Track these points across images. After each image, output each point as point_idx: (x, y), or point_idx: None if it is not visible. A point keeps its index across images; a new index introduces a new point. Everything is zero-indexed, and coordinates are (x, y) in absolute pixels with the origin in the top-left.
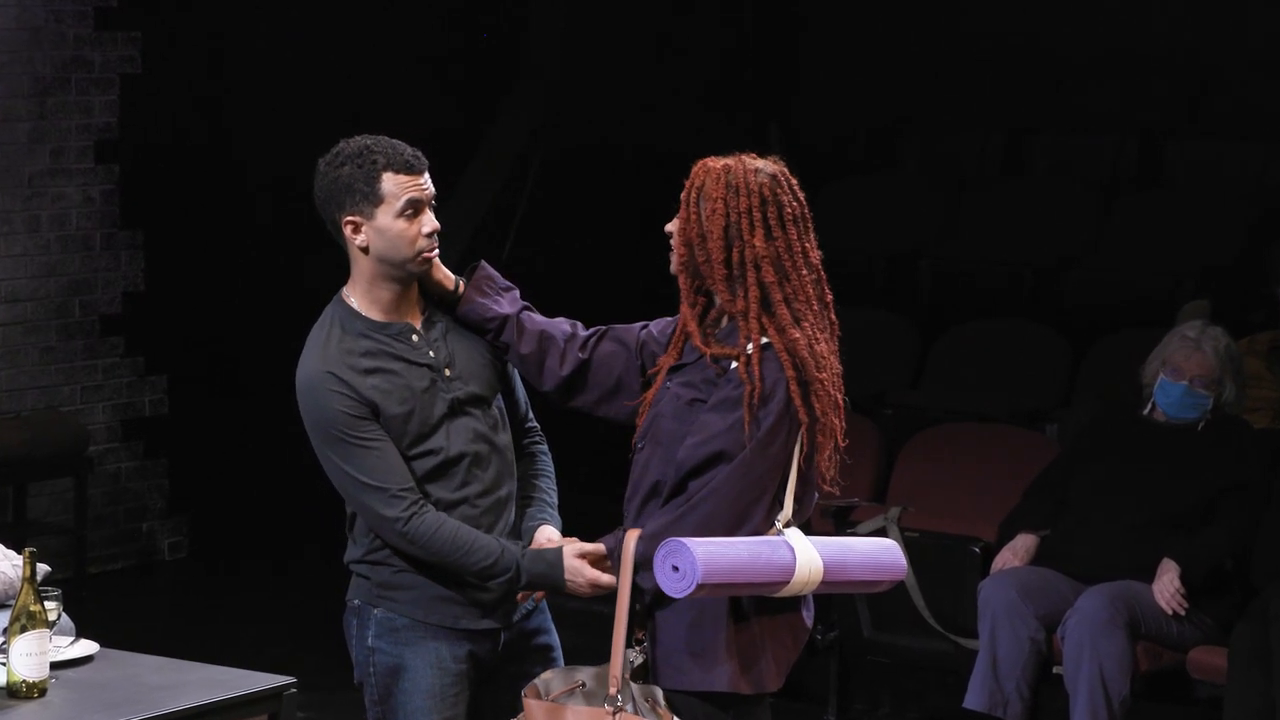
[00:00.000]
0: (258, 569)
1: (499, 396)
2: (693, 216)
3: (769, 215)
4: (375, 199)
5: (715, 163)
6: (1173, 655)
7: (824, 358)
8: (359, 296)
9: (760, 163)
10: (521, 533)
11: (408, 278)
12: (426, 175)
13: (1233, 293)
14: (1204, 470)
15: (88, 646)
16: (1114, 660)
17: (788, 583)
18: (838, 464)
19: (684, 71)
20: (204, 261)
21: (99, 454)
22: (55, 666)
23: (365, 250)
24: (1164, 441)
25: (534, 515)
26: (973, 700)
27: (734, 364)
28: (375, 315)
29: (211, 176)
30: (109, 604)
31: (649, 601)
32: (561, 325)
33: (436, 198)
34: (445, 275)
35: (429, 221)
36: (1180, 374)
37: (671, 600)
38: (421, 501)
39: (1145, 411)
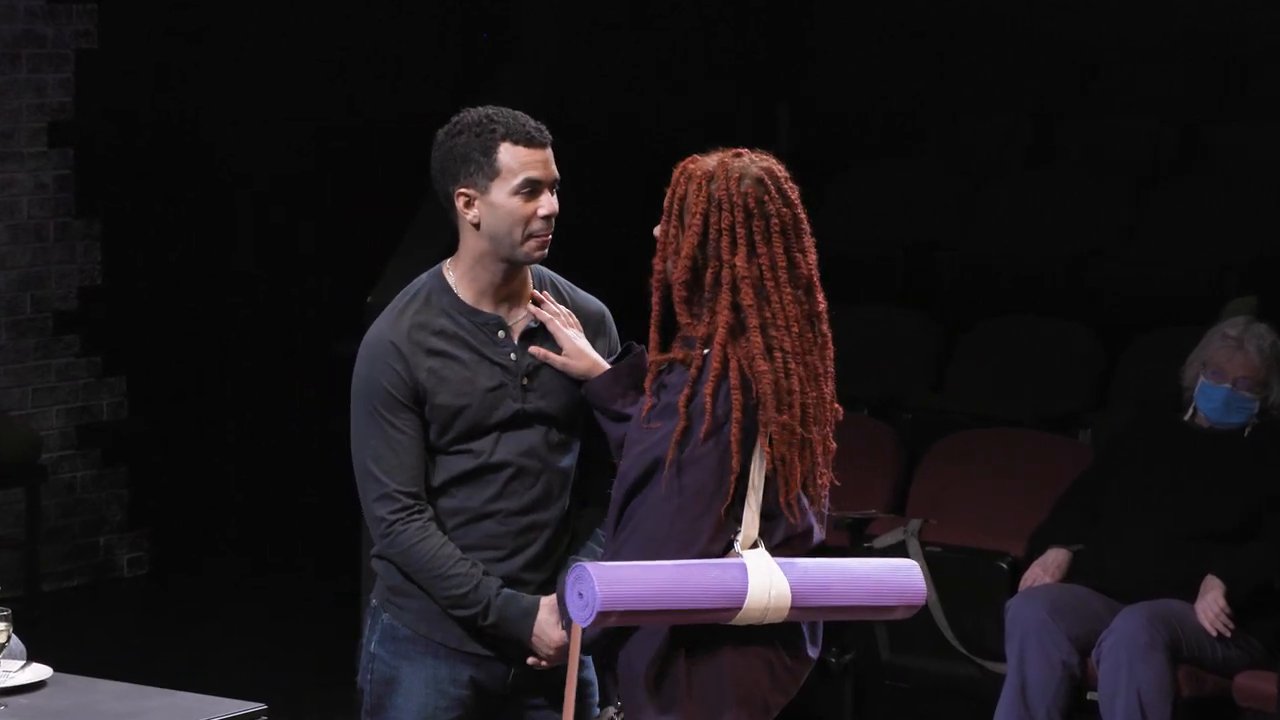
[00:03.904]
0: (225, 587)
1: (579, 428)
2: (672, 230)
3: (754, 230)
4: (491, 172)
5: (697, 168)
6: (1217, 680)
7: (790, 394)
8: (459, 273)
9: (745, 161)
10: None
11: (516, 262)
12: (549, 151)
13: None
14: (1250, 479)
15: (40, 671)
16: (1153, 685)
17: (738, 609)
18: (825, 493)
19: (690, 50)
20: (166, 253)
21: (52, 462)
22: (4, 693)
23: (476, 226)
24: (1207, 449)
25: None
26: None
27: (681, 367)
28: (469, 298)
29: (175, 161)
30: (63, 625)
31: (614, 643)
32: None
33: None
34: (596, 362)
35: (547, 203)
36: (1222, 375)
37: (627, 636)
38: (415, 509)
39: (1186, 417)
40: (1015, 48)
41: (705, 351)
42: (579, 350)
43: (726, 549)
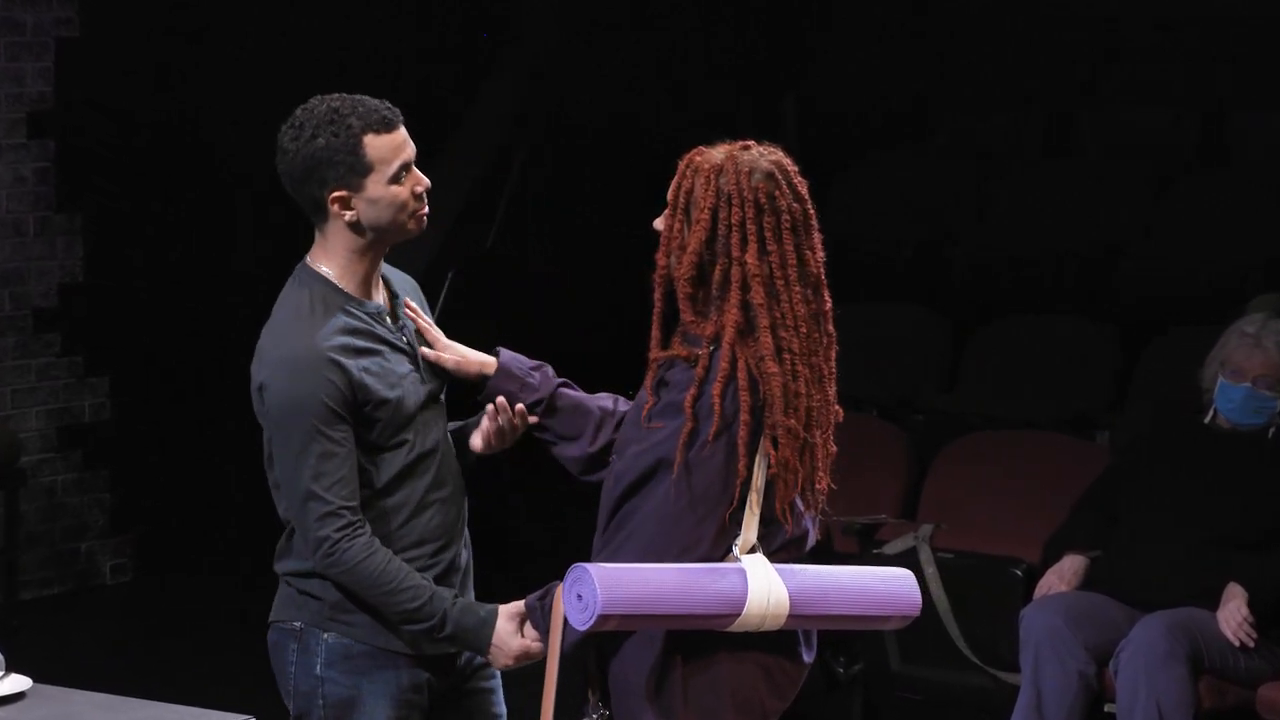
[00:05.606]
0: (210, 594)
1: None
2: (678, 225)
3: (765, 227)
4: (363, 169)
5: (704, 160)
6: (1239, 691)
7: (798, 396)
8: (338, 269)
9: (754, 154)
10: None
11: (397, 242)
12: (403, 127)
13: None
14: (1274, 483)
15: (19, 682)
16: (1173, 697)
17: (737, 615)
18: (823, 498)
19: (690, 50)
20: (150, 249)
21: (32, 465)
22: None
23: (354, 223)
24: (1228, 451)
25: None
26: None
27: (683, 365)
28: (354, 290)
29: (160, 154)
30: (43, 633)
31: (603, 652)
32: (601, 400)
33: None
34: (484, 360)
35: (419, 180)
36: (1241, 375)
37: (618, 644)
38: (358, 524)
39: (1207, 419)
40: (1031, 35)
41: (712, 350)
42: (462, 351)
43: (725, 554)
